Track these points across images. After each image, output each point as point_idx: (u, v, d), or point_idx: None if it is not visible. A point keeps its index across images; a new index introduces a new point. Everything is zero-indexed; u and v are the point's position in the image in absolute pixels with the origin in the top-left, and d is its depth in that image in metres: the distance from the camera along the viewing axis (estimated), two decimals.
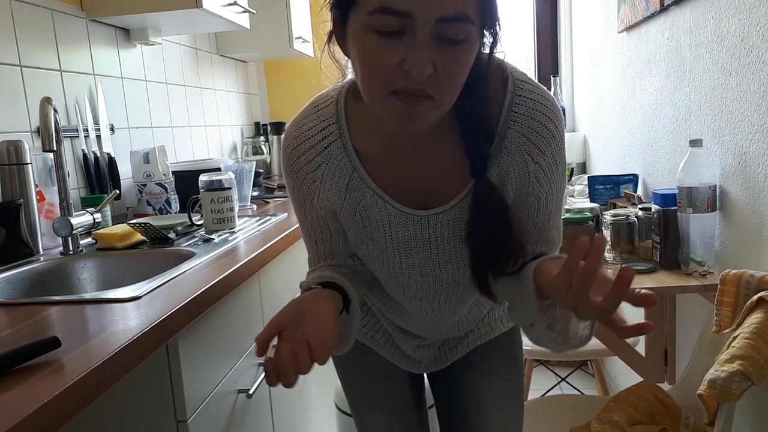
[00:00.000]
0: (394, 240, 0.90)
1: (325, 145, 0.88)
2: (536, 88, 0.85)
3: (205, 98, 2.62)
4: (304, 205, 0.93)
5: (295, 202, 0.95)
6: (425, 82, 0.71)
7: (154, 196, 1.84)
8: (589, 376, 2.73)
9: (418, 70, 0.69)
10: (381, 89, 0.73)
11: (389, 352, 1.11)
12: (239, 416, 1.18)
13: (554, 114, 0.85)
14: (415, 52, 0.69)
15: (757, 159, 1.28)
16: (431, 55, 0.70)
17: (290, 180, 0.93)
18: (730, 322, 1.12)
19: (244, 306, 1.25)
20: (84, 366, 0.68)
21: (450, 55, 0.71)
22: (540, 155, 0.85)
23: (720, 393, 0.95)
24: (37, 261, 1.31)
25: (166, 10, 1.78)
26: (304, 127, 0.89)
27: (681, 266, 1.46)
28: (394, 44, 0.70)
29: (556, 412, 1.54)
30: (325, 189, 0.90)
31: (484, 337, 1.10)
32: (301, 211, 0.95)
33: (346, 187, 0.89)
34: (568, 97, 3.07)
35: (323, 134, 0.88)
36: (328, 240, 0.96)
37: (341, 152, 0.88)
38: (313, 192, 0.91)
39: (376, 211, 0.89)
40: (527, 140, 0.84)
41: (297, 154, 0.89)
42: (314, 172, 0.89)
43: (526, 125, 0.83)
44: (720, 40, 1.41)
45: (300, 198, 0.93)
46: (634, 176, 2.01)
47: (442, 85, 0.72)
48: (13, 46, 1.48)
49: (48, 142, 1.28)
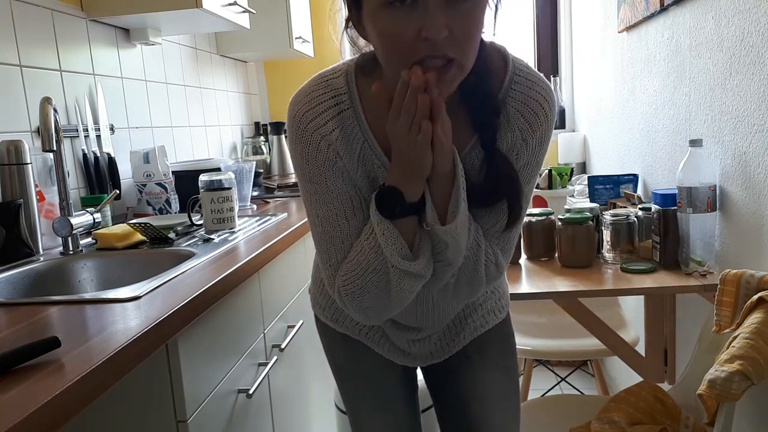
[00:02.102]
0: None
1: (338, 111, 0.86)
2: (533, 71, 0.89)
3: (205, 98, 2.62)
4: (323, 175, 0.86)
5: (311, 175, 0.87)
6: (444, 46, 0.74)
7: (154, 196, 1.84)
8: (589, 376, 2.73)
9: (435, 32, 0.72)
10: (405, 62, 0.75)
11: (383, 347, 1.11)
12: (239, 416, 1.18)
13: (550, 96, 0.88)
14: (429, 18, 0.72)
15: (756, 159, 1.28)
16: (445, 18, 0.73)
17: (302, 147, 0.86)
18: (730, 322, 1.12)
19: (244, 306, 1.25)
20: (84, 366, 0.68)
21: (462, 13, 0.74)
22: (530, 133, 0.88)
23: (720, 393, 0.95)
24: (37, 261, 1.31)
25: (166, 10, 1.79)
26: (315, 93, 0.87)
27: (681, 266, 1.46)
28: (408, 16, 0.73)
29: (555, 412, 1.54)
30: (342, 155, 0.87)
31: (479, 329, 1.11)
32: (321, 185, 0.87)
33: (358, 158, 0.88)
34: (568, 97, 3.07)
35: (335, 101, 0.86)
36: (360, 209, 0.88)
37: (353, 120, 0.87)
38: (333, 156, 0.86)
39: (383, 180, 0.88)
40: (521, 117, 0.87)
41: (309, 118, 0.85)
42: (329, 136, 0.85)
43: (523, 102, 0.87)
44: (720, 40, 1.41)
45: (316, 167, 0.86)
46: (634, 176, 2.01)
47: (461, 43, 0.75)
48: (13, 46, 1.48)
49: (48, 142, 1.28)
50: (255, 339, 1.30)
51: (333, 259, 0.90)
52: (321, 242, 0.91)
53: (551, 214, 1.65)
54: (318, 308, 1.16)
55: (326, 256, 0.90)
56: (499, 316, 1.13)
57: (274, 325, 1.44)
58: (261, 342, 1.34)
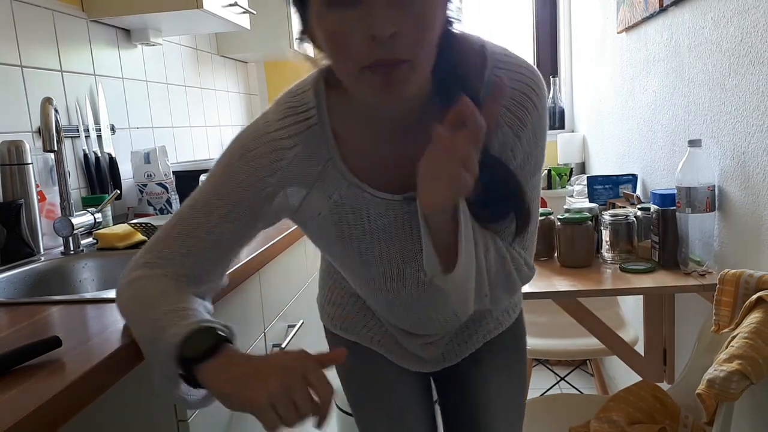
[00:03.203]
0: (373, 228, 0.86)
1: (306, 126, 0.81)
2: (515, 59, 0.81)
3: (206, 98, 2.62)
4: (239, 177, 0.80)
5: (229, 165, 0.81)
6: (394, 46, 0.68)
7: (154, 196, 1.84)
8: (589, 375, 2.73)
9: (380, 29, 0.66)
10: (354, 66, 0.70)
11: (396, 354, 1.08)
12: (239, 415, 1.18)
13: (536, 83, 0.81)
14: (373, 14, 0.67)
15: (755, 159, 1.28)
16: (391, 14, 0.67)
17: (248, 142, 0.81)
18: (729, 322, 1.13)
19: (244, 306, 1.25)
20: (84, 365, 0.68)
21: (408, 8, 0.68)
22: (520, 127, 0.81)
23: (719, 392, 0.95)
24: (37, 261, 1.31)
25: (167, 11, 1.79)
26: (287, 105, 0.83)
27: (680, 266, 1.46)
28: (353, 18, 0.68)
29: (555, 412, 1.54)
30: (291, 174, 0.81)
31: (493, 331, 1.08)
32: (229, 181, 0.80)
33: (318, 175, 0.82)
34: (567, 97, 3.08)
35: (305, 115, 0.82)
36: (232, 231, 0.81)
37: (319, 138, 0.82)
38: (274, 171, 0.80)
39: (352, 202, 0.84)
40: (508, 111, 0.80)
41: (275, 127, 0.81)
42: (287, 151, 0.80)
43: (508, 96, 0.80)
44: (719, 41, 1.41)
45: (242, 167, 0.80)
46: (633, 176, 2.01)
47: (412, 42, 0.69)
48: (14, 46, 1.49)
49: (49, 142, 1.29)
50: (255, 339, 1.31)
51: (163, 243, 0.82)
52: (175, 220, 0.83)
53: (550, 214, 1.65)
54: (327, 318, 1.13)
55: (163, 234, 0.83)
56: (513, 315, 1.10)
57: (275, 325, 1.44)
58: (261, 342, 1.35)
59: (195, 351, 0.69)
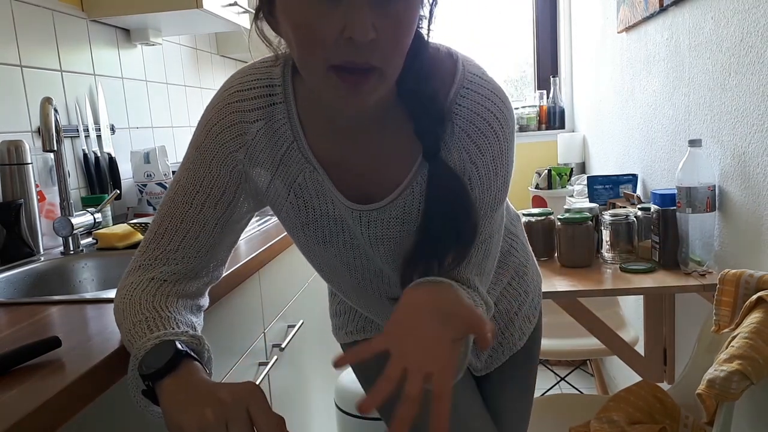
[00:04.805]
0: (337, 216, 0.82)
1: (270, 102, 0.77)
2: (487, 83, 0.76)
3: (206, 98, 2.62)
4: (212, 153, 0.78)
5: (201, 143, 0.78)
6: (368, 51, 0.64)
7: (154, 196, 1.84)
8: (589, 375, 2.73)
9: (361, 33, 0.61)
10: (321, 64, 0.65)
11: None
12: None
13: (502, 113, 0.76)
14: (354, 15, 0.61)
15: (756, 159, 1.28)
16: (372, 17, 0.62)
17: (213, 116, 0.78)
18: (729, 322, 1.13)
19: (244, 305, 1.25)
20: (84, 365, 0.68)
21: (390, 15, 0.63)
22: (479, 156, 0.76)
23: (719, 392, 0.95)
24: (37, 261, 1.31)
25: (167, 11, 1.79)
26: (252, 77, 0.78)
27: (680, 266, 1.46)
28: (330, 11, 0.62)
29: (555, 412, 1.54)
30: (255, 151, 0.78)
31: (518, 343, 1.04)
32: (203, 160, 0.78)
33: (281, 158, 0.78)
34: (567, 97, 3.08)
35: (270, 90, 0.77)
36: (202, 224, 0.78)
37: (284, 116, 0.77)
38: (240, 146, 0.77)
39: (312, 190, 0.80)
40: (468, 137, 0.76)
41: (237, 98, 0.77)
42: (249, 125, 0.77)
43: (469, 120, 0.75)
44: (719, 41, 1.41)
45: (211, 141, 0.77)
46: (633, 176, 2.01)
47: (386, 50, 0.65)
48: (13, 46, 1.48)
49: (48, 141, 1.29)
50: (255, 338, 1.31)
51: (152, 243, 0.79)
52: (160, 216, 0.81)
53: (550, 214, 1.65)
54: (342, 333, 1.10)
55: (151, 233, 0.80)
56: (533, 321, 1.07)
57: (275, 325, 1.44)
58: (261, 341, 1.35)
59: (149, 368, 0.65)
